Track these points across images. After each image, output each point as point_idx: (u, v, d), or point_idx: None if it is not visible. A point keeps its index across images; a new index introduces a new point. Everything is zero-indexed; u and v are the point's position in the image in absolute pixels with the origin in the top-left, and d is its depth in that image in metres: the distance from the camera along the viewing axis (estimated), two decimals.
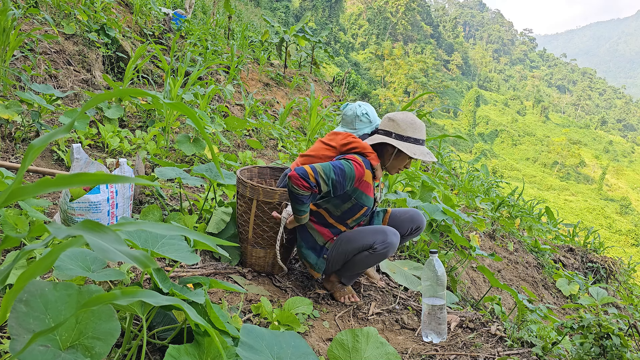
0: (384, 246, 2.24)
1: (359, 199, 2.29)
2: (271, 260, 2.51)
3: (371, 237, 2.27)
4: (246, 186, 2.41)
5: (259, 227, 2.44)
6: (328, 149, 2.38)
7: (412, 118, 2.29)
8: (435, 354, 2.00)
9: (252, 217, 2.44)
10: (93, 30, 5.28)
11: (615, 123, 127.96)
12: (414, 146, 2.25)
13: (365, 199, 2.31)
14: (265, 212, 2.42)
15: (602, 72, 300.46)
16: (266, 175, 2.87)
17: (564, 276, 4.97)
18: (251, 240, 2.47)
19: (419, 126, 2.28)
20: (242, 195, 2.46)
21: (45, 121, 3.67)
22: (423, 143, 2.29)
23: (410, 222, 2.51)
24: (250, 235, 2.47)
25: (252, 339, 1.36)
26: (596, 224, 42.41)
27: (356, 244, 2.30)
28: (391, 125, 2.29)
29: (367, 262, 2.32)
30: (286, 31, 10.62)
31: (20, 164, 0.91)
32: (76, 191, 2.13)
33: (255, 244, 2.48)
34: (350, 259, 2.36)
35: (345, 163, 2.19)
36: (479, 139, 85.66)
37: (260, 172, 2.85)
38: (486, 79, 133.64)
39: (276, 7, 48.47)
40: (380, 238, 2.25)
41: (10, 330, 1.05)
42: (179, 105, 1.03)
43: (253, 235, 2.46)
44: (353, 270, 2.40)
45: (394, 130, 2.27)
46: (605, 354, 1.83)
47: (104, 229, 0.80)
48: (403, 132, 2.26)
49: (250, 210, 2.43)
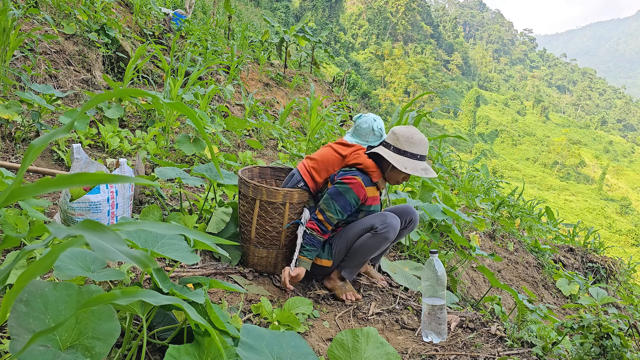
0: (385, 226, 2.34)
1: (367, 210, 2.44)
2: (273, 260, 2.51)
3: (371, 220, 2.39)
4: (249, 186, 2.41)
5: (261, 227, 2.44)
6: (337, 157, 2.47)
7: (412, 133, 2.34)
8: (435, 354, 2.00)
9: (254, 217, 2.44)
10: (93, 30, 5.28)
11: (616, 123, 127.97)
12: (407, 160, 2.31)
13: (374, 208, 2.47)
14: (268, 212, 2.42)
15: (602, 72, 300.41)
16: (267, 175, 2.87)
17: (564, 276, 4.97)
18: (254, 240, 2.48)
19: (418, 141, 2.33)
20: (244, 195, 2.46)
21: (45, 121, 3.67)
22: (422, 159, 2.35)
23: (403, 214, 2.58)
24: (252, 235, 2.47)
25: (252, 339, 1.36)
26: (596, 224, 42.40)
27: (357, 228, 2.41)
28: (392, 138, 2.37)
29: (368, 246, 2.38)
30: (286, 31, 10.62)
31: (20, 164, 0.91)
32: (76, 191, 2.13)
33: (258, 244, 2.48)
34: (352, 246, 2.42)
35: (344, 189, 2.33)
36: (479, 139, 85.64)
37: (261, 172, 2.85)
38: (486, 79, 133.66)
39: (276, 7, 48.47)
40: (380, 219, 2.37)
41: (10, 330, 1.05)
42: (179, 105, 1.03)
43: (256, 235, 2.46)
44: (355, 259, 2.43)
45: (393, 144, 2.35)
46: (605, 354, 1.83)
47: (104, 228, 0.80)
48: (400, 145, 2.33)
49: (253, 210, 2.43)
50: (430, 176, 2.31)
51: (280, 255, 2.52)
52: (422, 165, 2.34)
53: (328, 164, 2.47)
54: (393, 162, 2.30)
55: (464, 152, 66.35)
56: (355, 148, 2.47)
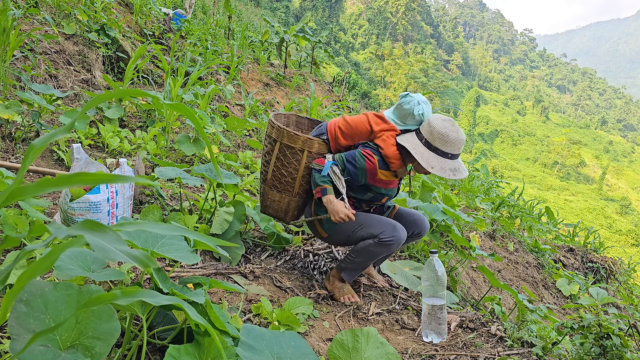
0: (391, 239, 2.28)
1: (377, 192, 2.38)
2: (285, 207, 2.52)
3: (380, 227, 2.32)
4: (273, 127, 2.44)
5: (278, 170, 2.46)
6: (367, 129, 2.38)
7: (448, 130, 2.20)
8: (435, 354, 2.00)
9: (273, 158, 2.45)
10: (93, 30, 5.28)
11: (616, 123, 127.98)
12: (436, 158, 2.19)
13: (386, 192, 2.41)
14: (286, 156, 2.43)
15: (602, 72, 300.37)
16: (303, 126, 2.84)
17: (564, 276, 4.97)
18: (269, 181, 2.50)
19: (453, 140, 2.19)
20: (268, 135, 2.49)
21: (45, 121, 3.67)
22: (453, 157, 2.21)
23: (413, 225, 2.53)
24: (269, 176, 2.49)
25: (252, 339, 1.36)
26: (596, 224, 42.38)
27: (365, 229, 2.34)
28: (426, 129, 2.24)
29: (370, 252, 2.34)
30: (286, 31, 10.61)
31: (21, 164, 0.91)
32: (76, 191, 2.13)
33: (272, 187, 2.50)
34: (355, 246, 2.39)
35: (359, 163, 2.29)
36: (479, 139, 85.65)
37: (298, 121, 2.82)
38: (486, 79, 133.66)
39: (276, 7, 48.47)
40: (390, 230, 2.29)
41: (10, 330, 1.05)
42: (179, 105, 1.03)
43: (272, 177, 2.48)
44: (355, 262, 2.40)
45: (425, 136, 2.23)
46: (606, 354, 1.83)
47: (104, 228, 0.80)
48: (432, 141, 2.20)
49: (273, 151, 2.45)
50: (458, 177, 2.19)
51: (293, 203, 2.51)
52: (452, 165, 2.20)
53: (355, 133, 2.39)
54: (420, 159, 2.19)
55: (464, 152, 66.32)
56: (387, 127, 2.35)
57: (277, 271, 2.65)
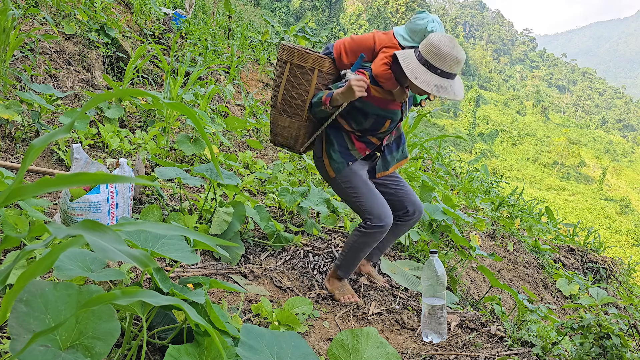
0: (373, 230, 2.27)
1: (376, 112, 2.29)
2: (295, 133, 2.50)
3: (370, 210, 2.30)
4: (284, 49, 2.40)
5: (288, 92, 2.42)
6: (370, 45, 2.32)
7: (442, 44, 2.02)
8: (435, 354, 2.00)
9: (283, 81, 2.42)
10: (93, 30, 5.28)
11: (615, 123, 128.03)
12: (423, 71, 2.04)
13: (385, 112, 2.30)
14: (296, 77, 2.39)
15: (602, 72, 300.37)
16: None
17: (564, 276, 4.97)
18: (279, 106, 2.46)
19: (444, 54, 2.01)
20: (279, 59, 2.46)
21: (45, 121, 3.67)
22: (442, 74, 2.04)
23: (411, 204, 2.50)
24: (279, 100, 2.46)
25: (252, 339, 1.36)
26: (596, 224, 42.35)
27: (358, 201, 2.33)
28: (423, 43, 2.10)
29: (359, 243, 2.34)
30: (286, 31, 10.62)
31: (21, 164, 0.91)
32: (76, 191, 2.13)
33: (283, 112, 2.47)
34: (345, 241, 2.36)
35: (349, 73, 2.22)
36: (479, 139, 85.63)
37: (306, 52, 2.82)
38: (486, 79, 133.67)
39: (276, 7, 48.46)
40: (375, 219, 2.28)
41: (10, 330, 1.05)
42: (179, 105, 1.03)
43: (282, 101, 2.45)
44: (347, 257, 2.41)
45: (420, 49, 2.09)
46: (605, 354, 1.83)
47: (104, 228, 0.80)
48: (424, 53, 2.05)
49: (284, 74, 2.42)
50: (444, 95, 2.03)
51: (303, 129, 2.48)
52: (440, 82, 2.04)
53: (360, 48, 2.35)
54: (405, 68, 2.05)
55: (464, 152, 66.32)
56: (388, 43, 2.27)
57: (277, 271, 2.65)
